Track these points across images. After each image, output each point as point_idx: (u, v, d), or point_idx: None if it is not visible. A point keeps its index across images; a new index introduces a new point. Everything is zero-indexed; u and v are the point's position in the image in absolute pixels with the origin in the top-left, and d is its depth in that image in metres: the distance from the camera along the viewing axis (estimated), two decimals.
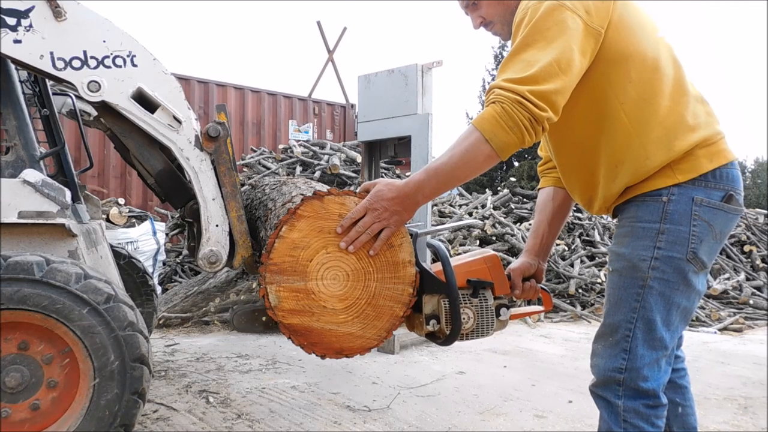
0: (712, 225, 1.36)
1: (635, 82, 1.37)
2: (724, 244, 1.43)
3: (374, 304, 1.50)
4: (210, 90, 8.96)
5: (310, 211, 1.46)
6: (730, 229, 1.41)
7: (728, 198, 1.37)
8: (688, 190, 1.35)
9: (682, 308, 1.40)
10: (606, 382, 1.43)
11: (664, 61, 1.39)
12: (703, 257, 1.36)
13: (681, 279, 1.37)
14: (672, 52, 1.43)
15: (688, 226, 1.35)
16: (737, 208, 1.38)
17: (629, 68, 1.37)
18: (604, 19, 1.35)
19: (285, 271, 1.44)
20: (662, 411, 1.42)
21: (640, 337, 1.39)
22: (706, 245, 1.36)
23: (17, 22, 2.23)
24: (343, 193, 1.48)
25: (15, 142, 2.56)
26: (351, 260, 1.47)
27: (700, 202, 1.35)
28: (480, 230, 5.96)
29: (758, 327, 5.30)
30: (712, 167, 1.35)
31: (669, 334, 1.40)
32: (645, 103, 1.37)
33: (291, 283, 1.45)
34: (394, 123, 4.18)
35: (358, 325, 1.51)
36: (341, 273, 1.47)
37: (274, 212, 2.62)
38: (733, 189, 1.37)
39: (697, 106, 1.39)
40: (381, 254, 1.47)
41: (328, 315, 1.48)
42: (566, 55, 1.29)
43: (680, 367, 1.62)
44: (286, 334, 1.50)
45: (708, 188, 1.36)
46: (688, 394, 1.62)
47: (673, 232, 1.35)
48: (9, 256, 2.00)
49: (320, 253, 1.46)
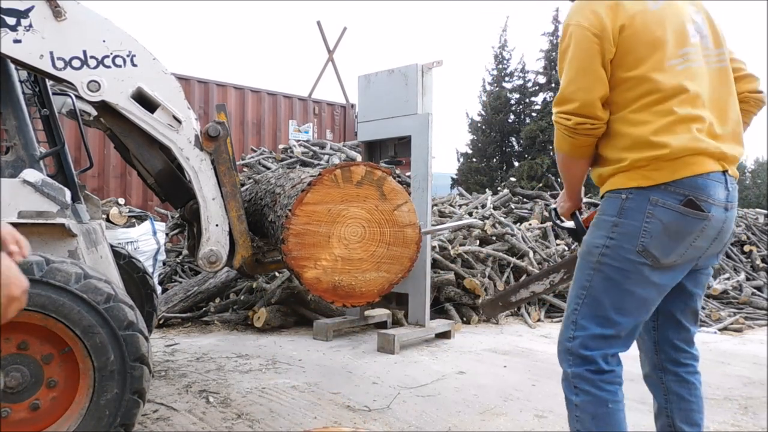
0: (667, 224, 1.47)
1: (628, 95, 1.53)
2: (693, 245, 1.52)
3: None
4: (210, 90, 8.96)
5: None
6: (691, 231, 1.49)
7: (687, 202, 1.46)
8: (646, 192, 1.49)
9: (637, 297, 1.53)
10: (561, 352, 1.63)
11: (660, 83, 1.50)
12: (654, 252, 1.49)
13: (632, 268, 1.51)
14: (686, 78, 1.51)
15: (640, 222, 1.49)
16: (697, 212, 1.47)
17: (628, 83, 1.53)
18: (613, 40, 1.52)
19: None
20: (610, 377, 1.55)
21: (587, 312, 1.58)
22: (658, 241, 1.48)
23: (17, 22, 2.23)
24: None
25: (15, 142, 2.56)
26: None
27: (656, 202, 1.48)
28: (480, 230, 5.96)
29: (758, 327, 5.30)
30: (673, 178, 1.46)
31: (622, 318, 1.54)
32: (633, 111, 1.52)
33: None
34: (394, 123, 4.18)
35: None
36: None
37: (284, 194, 2.65)
38: (694, 195, 1.46)
39: (679, 126, 1.47)
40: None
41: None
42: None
43: (689, 363, 1.71)
44: None
45: (667, 191, 1.47)
46: (695, 391, 1.70)
47: (626, 225, 1.51)
48: None
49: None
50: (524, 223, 6.77)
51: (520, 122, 20.46)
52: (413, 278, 3.91)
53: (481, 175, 18.51)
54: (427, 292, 4.12)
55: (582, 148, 1.59)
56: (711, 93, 1.54)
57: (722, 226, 1.53)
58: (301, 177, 2.75)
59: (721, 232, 1.54)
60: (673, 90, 1.49)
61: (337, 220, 2.57)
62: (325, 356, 3.80)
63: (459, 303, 5.13)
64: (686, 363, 1.71)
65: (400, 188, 2.72)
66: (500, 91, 20.78)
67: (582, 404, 1.56)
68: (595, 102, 1.52)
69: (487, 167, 19.30)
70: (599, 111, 1.53)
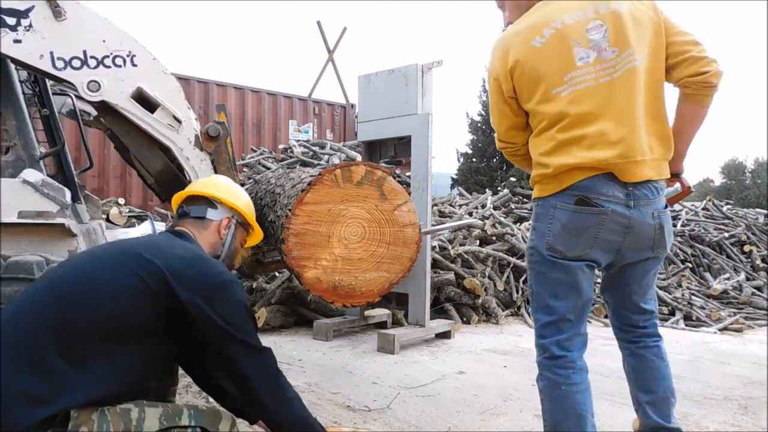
0: (564, 223, 1.72)
1: (532, 123, 1.83)
2: (599, 238, 1.72)
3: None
4: (210, 90, 8.96)
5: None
6: (588, 226, 1.71)
7: (578, 200, 1.70)
8: (549, 198, 1.76)
9: (564, 282, 1.76)
10: (535, 346, 1.85)
11: (544, 113, 1.75)
12: (558, 247, 1.74)
13: (548, 262, 1.77)
14: (569, 103, 1.72)
15: (545, 224, 1.76)
16: (589, 208, 1.69)
17: (530, 114, 1.82)
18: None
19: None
20: (561, 362, 1.75)
21: (535, 306, 1.84)
22: (561, 238, 1.74)
23: (17, 22, 2.23)
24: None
25: (15, 142, 2.56)
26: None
27: (555, 205, 1.74)
28: (480, 230, 5.96)
29: (758, 327, 5.30)
30: (564, 187, 1.73)
31: (559, 303, 1.77)
32: (533, 137, 1.83)
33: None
34: (394, 123, 4.18)
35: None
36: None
37: (284, 194, 2.66)
38: (585, 195, 1.69)
39: (560, 149, 1.72)
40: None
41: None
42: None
43: (640, 340, 1.94)
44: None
45: (563, 194, 1.73)
46: (648, 363, 1.92)
47: (537, 228, 1.80)
48: (9, 255, 2.00)
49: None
50: (524, 223, 6.77)
51: None
52: (413, 278, 3.91)
53: (481, 175, 18.51)
54: (427, 292, 4.12)
55: (519, 164, 2.00)
56: (606, 104, 1.69)
57: (629, 222, 1.70)
58: (301, 177, 2.75)
59: (630, 227, 1.71)
60: (555, 117, 1.72)
61: (337, 220, 2.57)
62: (325, 356, 3.80)
63: (459, 303, 5.13)
64: (636, 340, 1.94)
65: (400, 188, 2.72)
66: None
67: (543, 388, 1.78)
68: (505, 132, 1.89)
69: (487, 167, 19.29)
70: (513, 137, 1.89)
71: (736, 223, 7.85)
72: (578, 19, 1.72)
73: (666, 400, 1.91)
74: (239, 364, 1.55)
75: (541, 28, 1.74)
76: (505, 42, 1.82)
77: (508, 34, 1.84)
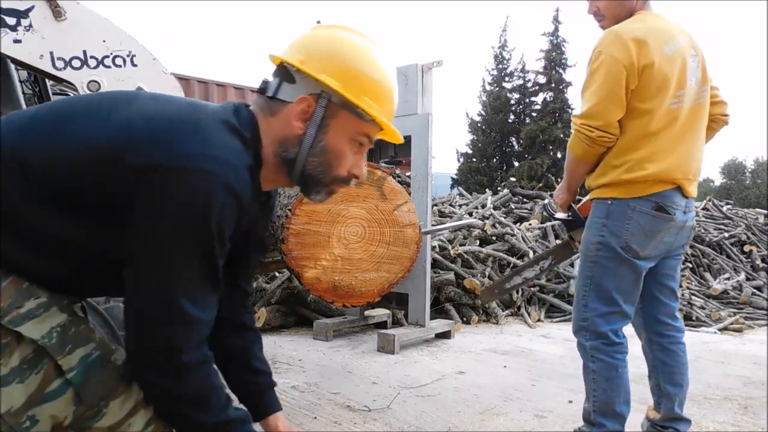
0: (643, 225, 1.89)
1: (632, 122, 1.90)
2: (663, 241, 1.95)
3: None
4: (210, 90, 8.97)
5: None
6: (660, 230, 1.91)
7: (657, 207, 1.89)
8: (628, 201, 1.90)
9: (629, 279, 1.95)
10: (578, 330, 2.02)
11: (653, 119, 1.87)
12: (634, 246, 1.90)
13: (620, 258, 1.92)
14: (672, 118, 1.88)
15: (621, 224, 1.90)
16: (664, 215, 1.90)
17: (635, 112, 1.89)
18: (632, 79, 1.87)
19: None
20: (619, 347, 1.96)
21: (593, 296, 1.97)
22: (638, 238, 1.90)
23: (17, 22, 2.23)
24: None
25: None
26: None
27: (634, 208, 1.89)
28: (480, 230, 5.96)
29: (758, 327, 5.30)
30: (648, 193, 1.89)
31: (620, 296, 1.95)
32: (637, 137, 1.89)
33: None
34: (394, 123, 4.17)
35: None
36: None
37: (284, 194, 2.66)
38: (663, 203, 1.89)
39: (659, 155, 1.88)
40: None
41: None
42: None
43: (672, 335, 2.10)
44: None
45: (643, 199, 1.89)
46: (677, 358, 2.10)
47: (609, 226, 1.93)
48: None
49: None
50: (524, 223, 6.78)
51: (520, 122, 20.46)
52: (413, 278, 3.91)
53: (481, 175, 18.51)
54: (427, 292, 4.12)
55: (593, 156, 1.97)
56: (689, 127, 1.93)
57: (683, 224, 1.97)
58: None
59: (682, 229, 1.99)
60: (664, 126, 1.87)
61: (337, 220, 2.57)
62: (325, 356, 3.80)
63: (459, 303, 5.13)
64: (668, 335, 2.10)
65: (400, 188, 2.72)
66: (500, 91, 20.76)
67: (598, 369, 1.96)
68: (614, 122, 1.88)
69: (487, 167, 19.30)
70: (615, 129, 1.90)
71: (736, 223, 7.85)
72: (685, 45, 1.92)
73: (686, 393, 2.13)
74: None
75: (668, 38, 1.89)
76: (636, 33, 1.84)
77: (636, 28, 1.86)
